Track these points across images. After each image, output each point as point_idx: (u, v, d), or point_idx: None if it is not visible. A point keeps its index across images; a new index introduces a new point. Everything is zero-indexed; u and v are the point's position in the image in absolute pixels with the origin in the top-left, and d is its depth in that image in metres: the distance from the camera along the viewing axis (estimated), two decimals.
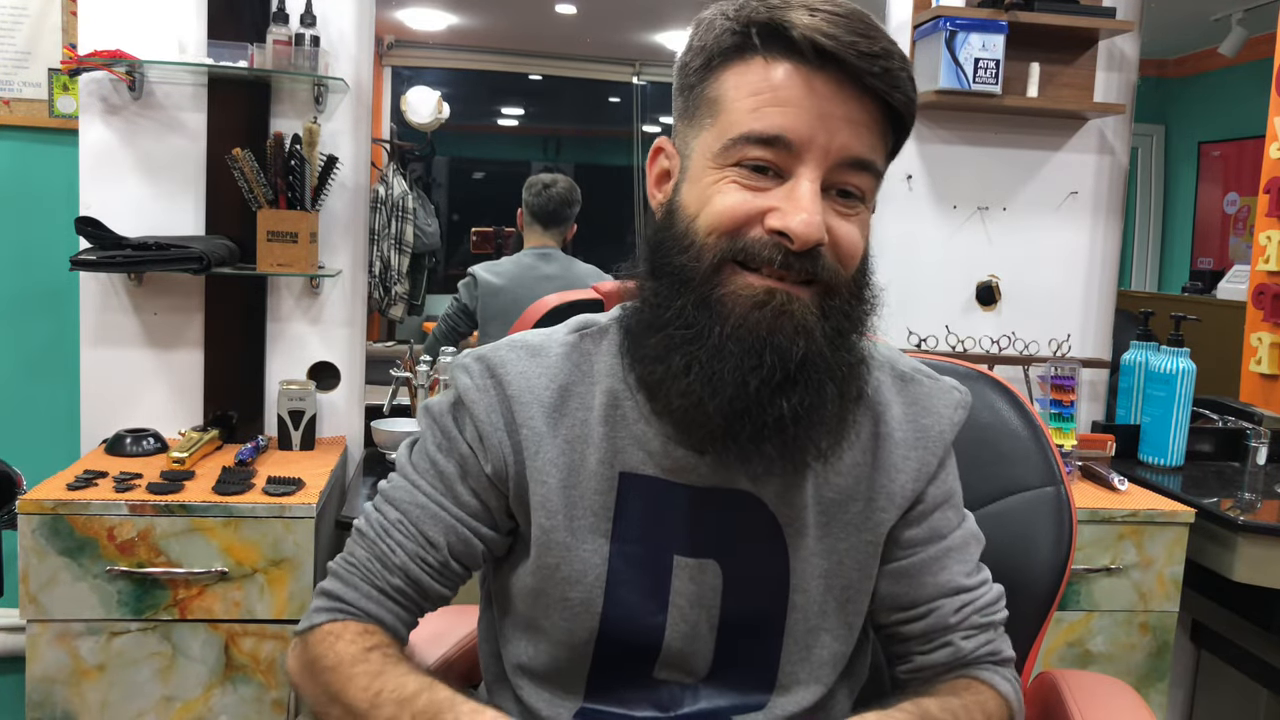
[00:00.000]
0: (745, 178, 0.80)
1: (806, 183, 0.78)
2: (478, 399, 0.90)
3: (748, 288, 0.79)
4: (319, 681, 0.85)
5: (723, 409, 0.79)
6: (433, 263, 2.32)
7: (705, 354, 0.79)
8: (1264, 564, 1.82)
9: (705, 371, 0.79)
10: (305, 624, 0.90)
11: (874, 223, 0.90)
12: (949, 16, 2.04)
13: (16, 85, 2.10)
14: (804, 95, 0.78)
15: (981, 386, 1.18)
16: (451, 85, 2.30)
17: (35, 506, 1.60)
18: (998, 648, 0.94)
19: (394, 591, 0.90)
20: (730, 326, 0.79)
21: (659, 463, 0.87)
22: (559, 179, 2.25)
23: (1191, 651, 2.30)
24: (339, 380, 2.11)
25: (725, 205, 0.80)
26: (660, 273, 0.83)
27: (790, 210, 0.78)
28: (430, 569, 0.90)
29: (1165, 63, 2.66)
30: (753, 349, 0.78)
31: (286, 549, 1.66)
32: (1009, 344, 2.27)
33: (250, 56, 1.91)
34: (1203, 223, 2.71)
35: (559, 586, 0.88)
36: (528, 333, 0.96)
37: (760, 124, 0.79)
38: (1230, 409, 2.37)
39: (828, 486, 0.90)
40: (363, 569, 0.90)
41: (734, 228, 0.79)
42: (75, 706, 1.65)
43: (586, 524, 0.88)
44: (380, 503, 0.93)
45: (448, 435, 0.91)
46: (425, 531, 0.90)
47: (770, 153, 0.79)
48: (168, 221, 1.99)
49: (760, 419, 0.79)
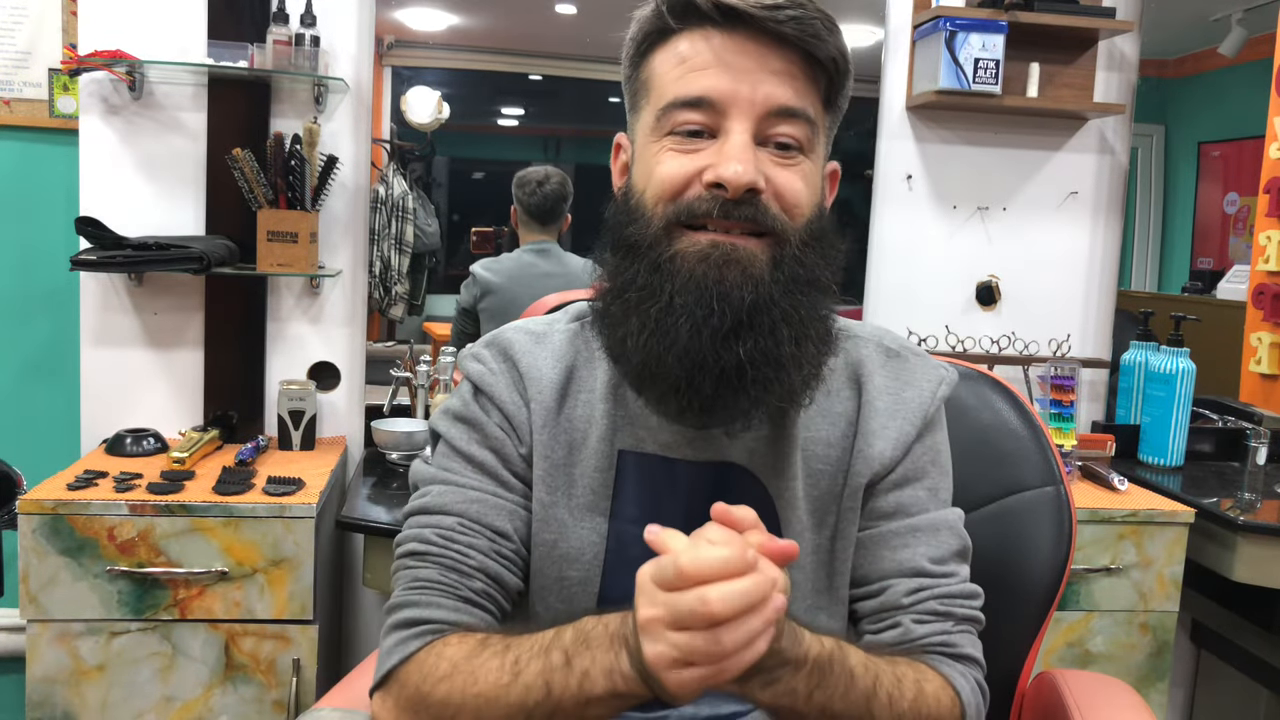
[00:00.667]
0: (679, 143, 0.83)
1: (735, 135, 0.82)
2: (495, 381, 0.91)
3: (694, 244, 0.82)
4: (436, 699, 0.79)
5: (680, 361, 0.80)
6: (433, 263, 2.31)
7: (658, 311, 0.81)
8: (1264, 564, 1.82)
9: (660, 327, 0.81)
10: (393, 660, 0.83)
11: (873, 221, 0.92)
12: (949, 16, 2.04)
13: (17, 85, 2.10)
14: (721, 56, 0.82)
15: (981, 386, 1.18)
16: (451, 85, 2.29)
17: (35, 506, 1.61)
18: (954, 640, 0.89)
19: (479, 597, 0.86)
20: (679, 282, 0.81)
21: (656, 438, 0.89)
22: (550, 174, 2.25)
23: (1191, 651, 2.30)
24: (339, 380, 2.11)
25: (664, 172, 0.83)
26: (617, 247, 0.86)
27: (722, 162, 0.81)
28: (508, 561, 0.88)
29: (1165, 63, 2.66)
30: (702, 300, 0.80)
31: (287, 549, 1.66)
32: (1009, 344, 2.27)
33: (250, 56, 1.91)
34: (1202, 223, 2.71)
35: (556, 564, 0.89)
36: (528, 320, 0.98)
37: (684, 89, 0.83)
38: (1230, 409, 2.37)
39: (815, 459, 0.91)
40: (440, 585, 0.85)
41: (675, 191, 0.83)
42: (75, 706, 1.65)
43: (585, 501, 0.89)
44: (425, 518, 0.89)
45: (476, 425, 0.91)
46: (492, 524, 0.88)
47: (698, 114, 0.82)
48: (168, 221, 1.99)
49: (717, 367, 0.80)
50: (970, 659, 0.90)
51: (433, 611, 0.84)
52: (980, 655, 0.91)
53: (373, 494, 1.90)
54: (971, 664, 0.89)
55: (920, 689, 0.83)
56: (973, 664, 0.90)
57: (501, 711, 0.76)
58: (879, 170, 2.26)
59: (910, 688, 0.82)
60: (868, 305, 2.28)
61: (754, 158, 0.81)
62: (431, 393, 2.12)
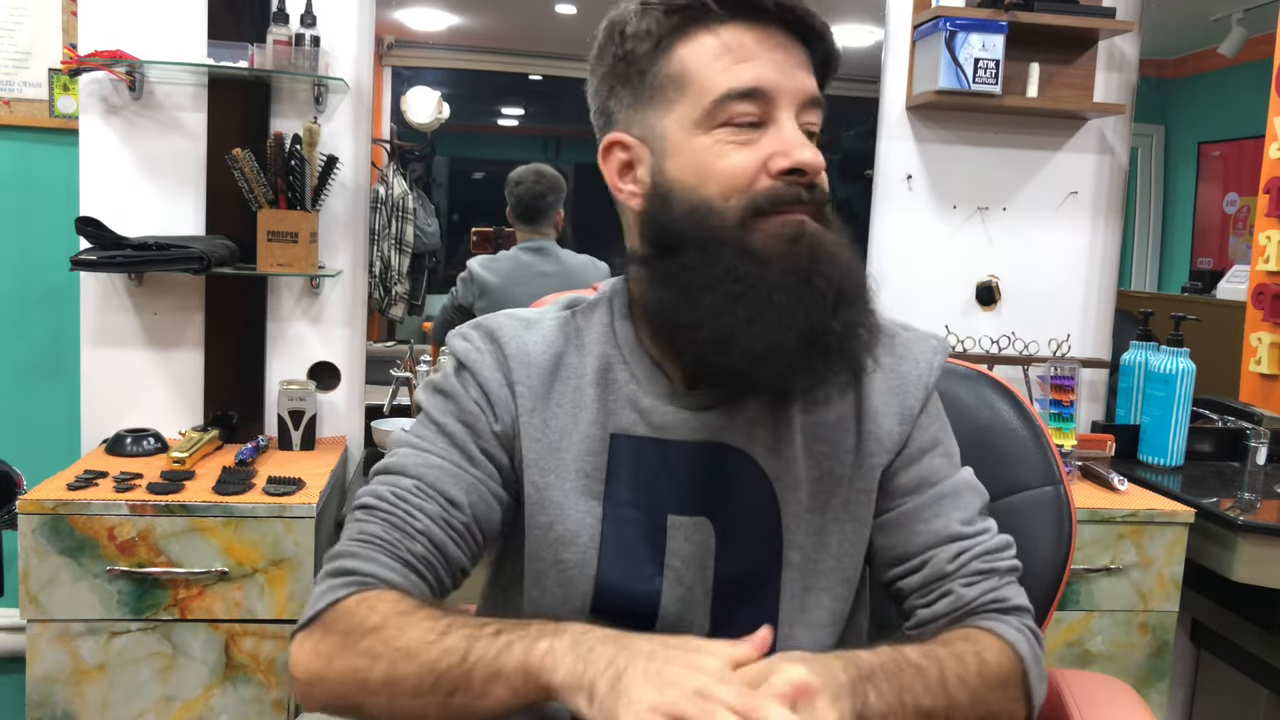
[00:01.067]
0: (737, 134, 0.84)
1: (789, 122, 0.85)
2: (479, 359, 0.92)
3: (779, 228, 0.84)
4: (359, 649, 0.78)
5: (795, 340, 0.82)
6: (433, 263, 2.31)
7: (766, 295, 0.82)
8: (1264, 564, 1.82)
9: (774, 309, 0.82)
10: (321, 604, 0.82)
11: (873, 221, 0.95)
12: (949, 16, 2.04)
13: (17, 85, 2.10)
14: (765, 49, 0.85)
15: (981, 386, 1.18)
16: (452, 85, 2.29)
17: (35, 506, 1.61)
18: (1004, 594, 0.91)
19: (418, 561, 0.85)
20: (778, 266, 0.82)
21: (649, 420, 0.89)
22: (527, 173, 2.26)
23: (1191, 651, 2.30)
24: (339, 380, 2.11)
25: (731, 166, 0.84)
26: (681, 246, 0.85)
27: (791, 149, 0.83)
28: (454, 532, 0.87)
29: (1165, 63, 2.66)
30: (804, 279, 0.82)
31: (287, 549, 1.66)
32: (1009, 344, 2.27)
33: (250, 56, 1.91)
34: (1202, 223, 2.71)
35: (552, 547, 0.89)
36: (518, 309, 0.98)
37: (736, 80, 0.84)
38: (1230, 409, 2.37)
39: (817, 440, 0.91)
40: (381, 541, 0.85)
41: (747, 182, 0.84)
42: (75, 706, 1.65)
43: (579, 485, 0.89)
44: (387, 476, 0.89)
45: (452, 397, 0.91)
46: (446, 491, 0.87)
47: (753, 105, 0.84)
48: (168, 221, 1.99)
49: (825, 342, 0.82)
50: (1020, 608, 0.92)
51: (368, 565, 0.83)
52: (1026, 600, 0.93)
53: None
54: (1022, 613, 0.92)
55: (981, 660, 0.85)
56: (1023, 612, 0.92)
57: (414, 668, 0.76)
58: (879, 170, 2.26)
59: (972, 661, 0.84)
60: None
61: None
62: None
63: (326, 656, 0.80)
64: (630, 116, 0.90)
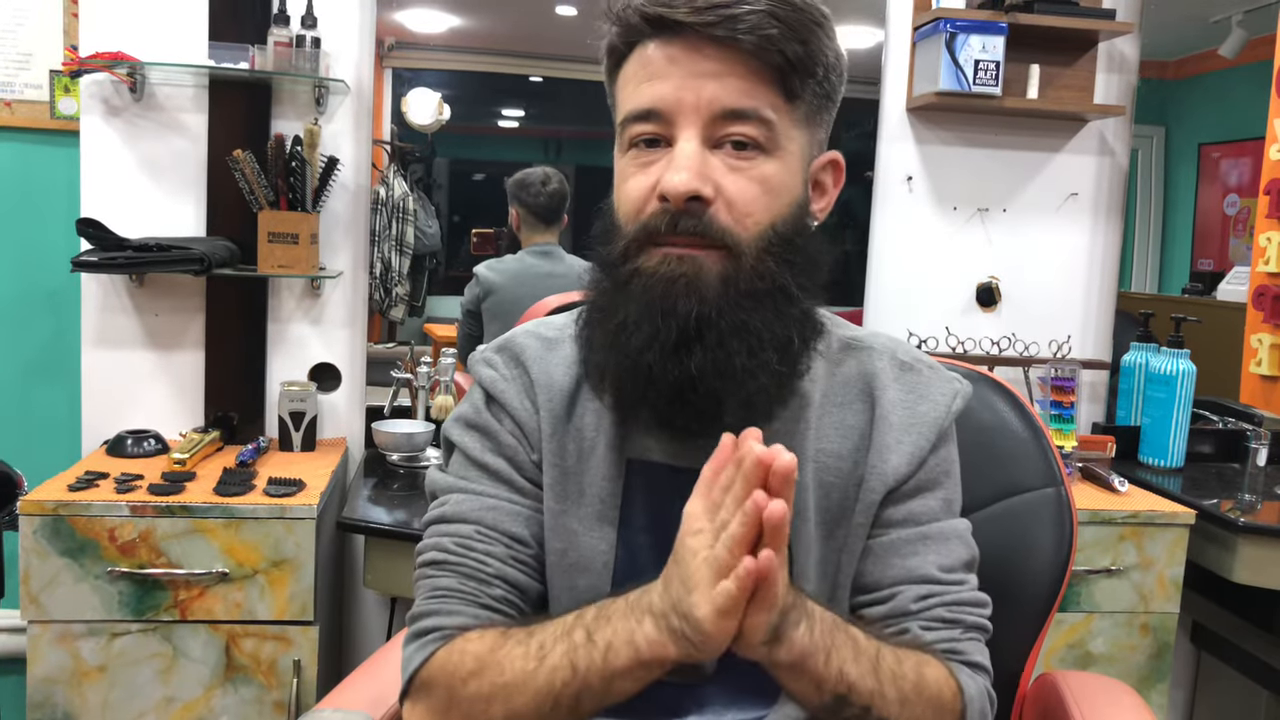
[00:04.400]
0: (639, 156, 0.84)
1: (683, 143, 0.81)
2: (507, 388, 0.92)
3: (649, 260, 0.82)
4: (468, 695, 0.80)
5: (632, 376, 0.82)
6: (434, 264, 2.31)
7: (615, 327, 0.83)
8: (1264, 565, 1.82)
9: (615, 343, 0.83)
10: (413, 665, 0.83)
11: (873, 222, 0.91)
12: (949, 18, 2.05)
13: (18, 87, 2.10)
14: (663, 66, 0.82)
15: (982, 388, 1.18)
16: (452, 87, 2.29)
17: (36, 508, 1.61)
18: (962, 648, 0.87)
19: (499, 603, 0.86)
20: (633, 300, 0.82)
21: (664, 448, 0.88)
22: (550, 174, 2.25)
23: (1192, 653, 2.30)
24: (340, 381, 2.11)
25: (628, 190, 0.84)
26: (593, 262, 0.89)
27: (668, 173, 0.81)
28: (526, 567, 0.88)
29: (1165, 64, 2.66)
30: (649, 316, 0.81)
31: (287, 550, 1.66)
32: (1009, 345, 2.27)
33: (251, 58, 1.91)
34: (1203, 224, 2.71)
35: (567, 574, 0.88)
36: (540, 324, 0.97)
37: (634, 102, 0.83)
38: (1230, 410, 2.37)
39: (827, 471, 0.90)
40: (458, 594, 0.85)
41: (638, 208, 0.83)
42: (76, 707, 1.65)
43: (594, 511, 0.89)
44: (443, 527, 0.89)
45: (489, 433, 0.91)
46: (509, 530, 0.88)
47: (650, 125, 0.83)
48: (169, 223, 1.99)
49: (666, 380, 0.81)
50: (978, 665, 0.88)
51: (453, 619, 0.84)
52: (988, 663, 0.90)
53: (373, 495, 1.90)
54: (979, 670, 0.88)
55: (921, 673, 0.82)
56: (980, 670, 0.88)
57: (530, 697, 0.77)
58: (879, 171, 2.26)
59: (911, 669, 0.81)
60: (868, 307, 2.28)
61: (701, 164, 0.80)
62: (432, 394, 2.12)
63: (440, 713, 0.82)
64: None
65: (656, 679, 0.75)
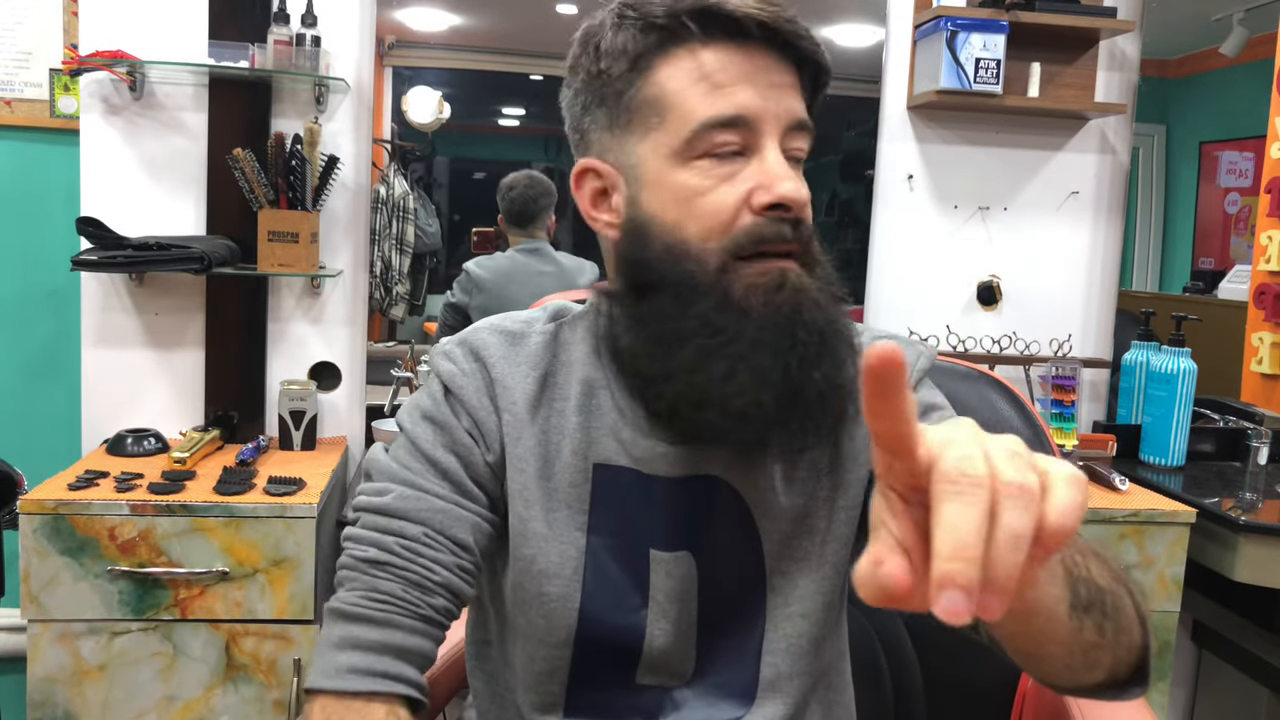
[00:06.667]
0: (717, 166, 0.79)
1: (773, 152, 0.79)
2: (466, 383, 0.88)
3: (760, 276, 0.78)
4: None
5: (776, 398, 0.77)
6: (434, 263, 2.31)
7: (744, 350, 0.77)
8: (1265, 564, 1.82)
9: (750, 366, 0.77)
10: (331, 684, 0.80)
11: (874, 221, 0.90)
12: (950, 16, 2.04)
13: (18, 85, 2.10)
14: (747, 71, 0.79)
15: (982, 386, 1.18)
16: (452, 85, 2.29)
17: (36, 506, 1.61)
18: None
19: (439, 613, 0.84)
20: (758, 318, 0.77)
21: (630, 452, 0.86)
22: (519, 179, 2.27)
23: (1193, 651, 2.30)
24: (340, 380, 2.11)
25: (711, 204, 0.79)
26: (656, 287, 0.81)
27: (774, 182, 0.78)
28: (469, 575, 0.86)
29: (1166, 63, 2.66)
30: (785, 332, 0.77)
31: (288, 549, 1.66)
32: (1010, 344, 2.27)
33: (251, 56, 1.91)
34: (1204, 222, 2.71)
35: (536, 580, 0.86)
36: (505, 317, 0.93)
37: (717, 108, 0.78)
38: (1231, 409, 2.37)
39: (794, 467, 0.88)
40: (399, 602, 0.82)
41: (729, 220, 0.78)
42: (76, 706, 1.65)
43: (562, 516, 0.86)
44: (387, 521, 0.85)
45: (444, 427, 0.87)
46: (456, 536, 0.84)
47: (735, 134, 0.78)
48: (168, 221, 1.99)
49: (805, 397, 0.78)
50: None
51: (391, 634, 0.82)
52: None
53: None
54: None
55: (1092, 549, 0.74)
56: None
57: None
58: (880, 170, 2.26)
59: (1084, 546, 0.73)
60: (869, 305, 2.28)
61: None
62: None
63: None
64: (605, 141, 0.84)
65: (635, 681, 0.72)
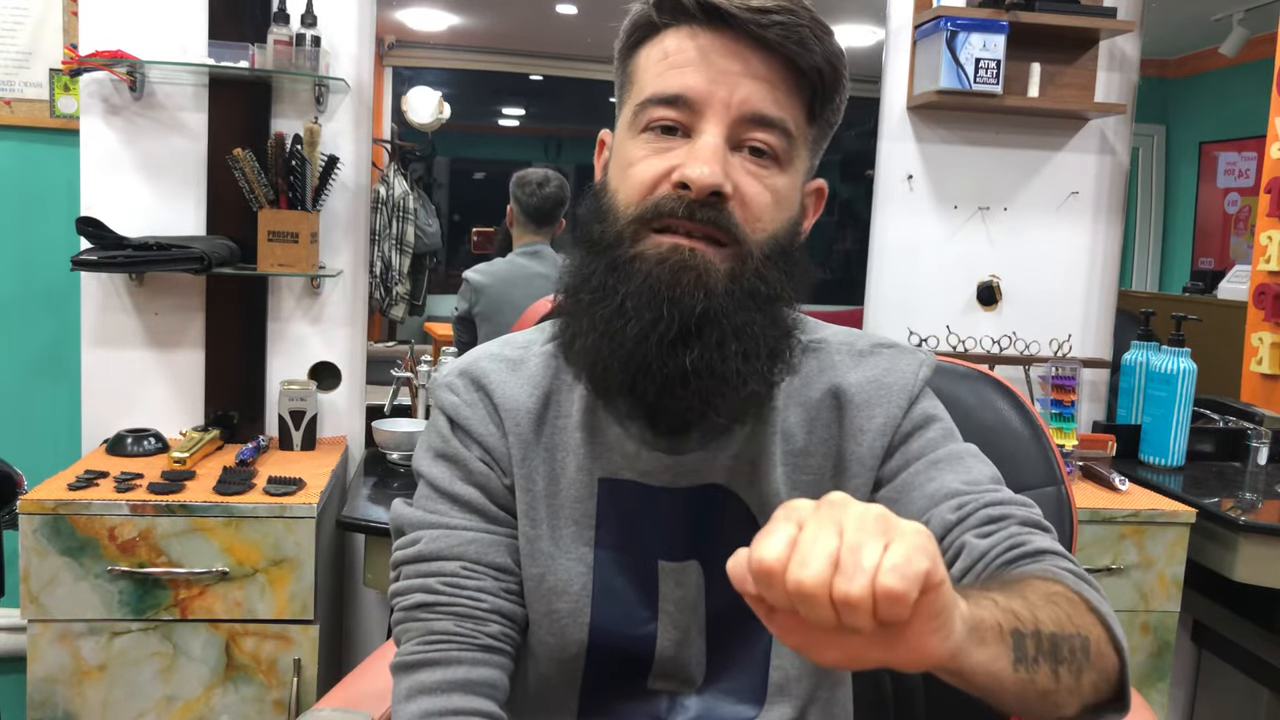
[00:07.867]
0: (654, 140, 0.81)
1: (707, 136, 0.79)
2: (470, 414, 0.89)
3: (655, 246, 0.80)
4: None
5: (624, 365, 0.79)
6: (434, 263, 2.31)
7: (609, 313, 0.79)
8: (1265, 564, 1.82)
9: (609, 329, 0.79)
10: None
11: (874, 221, 0.89)
12: (950, 16, 2.04)
13: (18, 85, 2.10)
14: (702, 55, 0.80)
15: (982, 386, 1.18)
16: (452, 85, 2.29)
17: (36, 506, 1.61)
18: (1024, 540, 0.78)
19: (497, 640, 0.85)
20: (634, 284, 0.79)
21: (634, 466, 0.87)
22: (551, 177, 2.25)
23: (1192, 651, 2.30)
24: (340, 380, 2.11)
25: (636, 171, 0.81)
26: (582, 243, 0.85)
27: (689, 161, 0.79)
28: (516, 596, 0.87)
29: (1166, 63, 2.66)
30: (652, 304, 0.78)
31: (288, 549, 1.66)
32: (1010, 344, 2.27)
33: (251, 56, 1.91)
34: (1204, 222, 2.71)
35: (545, 598, 0.87)
36: (503, 344, 0.94)
37: (661, 85, 0.81)
38: (1231, 409, 2.37)
39: (798, 469, 0.88)
40: (455, 637, 0.84)
41: (645, 191, 0.81)
42: (76, 706, 1.65)
43: (569, 532, 0.87)
44: (423, 566, 0.86)
45: (458, 462, 0.88)
46: (493, 562, 0.86)
47: (674, 111, 0.80)
48: (168, 221, 1.99)
49: (661, 374, 0.78)
50: (1050, 551, 0.78)
51: (454, 671, 0.83)
52: (1059, 546, 0.79)
53: (373, 494, 1.90)
54: (1055, 556, 0.78)
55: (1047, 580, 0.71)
56: (1056, 556, 0.78)
57: None
58: (880, 170, 2.26)
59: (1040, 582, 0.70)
60: (868, 306, 2.28)
61: (723, 161, 0.79)
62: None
63: None
64: (618, 112, 0.89)
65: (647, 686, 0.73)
